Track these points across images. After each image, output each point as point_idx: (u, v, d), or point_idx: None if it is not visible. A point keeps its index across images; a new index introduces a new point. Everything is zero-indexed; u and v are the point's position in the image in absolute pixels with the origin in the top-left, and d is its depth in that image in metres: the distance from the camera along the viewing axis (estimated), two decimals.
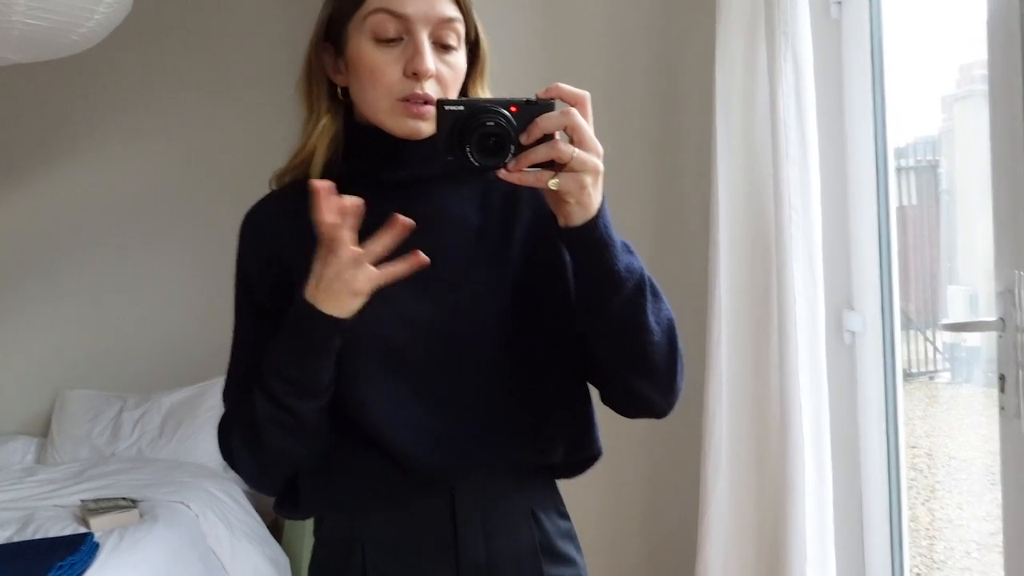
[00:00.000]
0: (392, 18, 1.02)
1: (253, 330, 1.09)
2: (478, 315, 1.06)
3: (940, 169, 3.38)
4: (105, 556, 2.37)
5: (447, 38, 1.04)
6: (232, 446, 1.07)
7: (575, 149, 0.92)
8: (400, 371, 1.04)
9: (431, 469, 1.04)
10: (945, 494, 3.68)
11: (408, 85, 1.02)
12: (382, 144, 1.06)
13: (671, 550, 2.38)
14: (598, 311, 1.00)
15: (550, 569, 1.09)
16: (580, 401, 1.14)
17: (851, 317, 2.16)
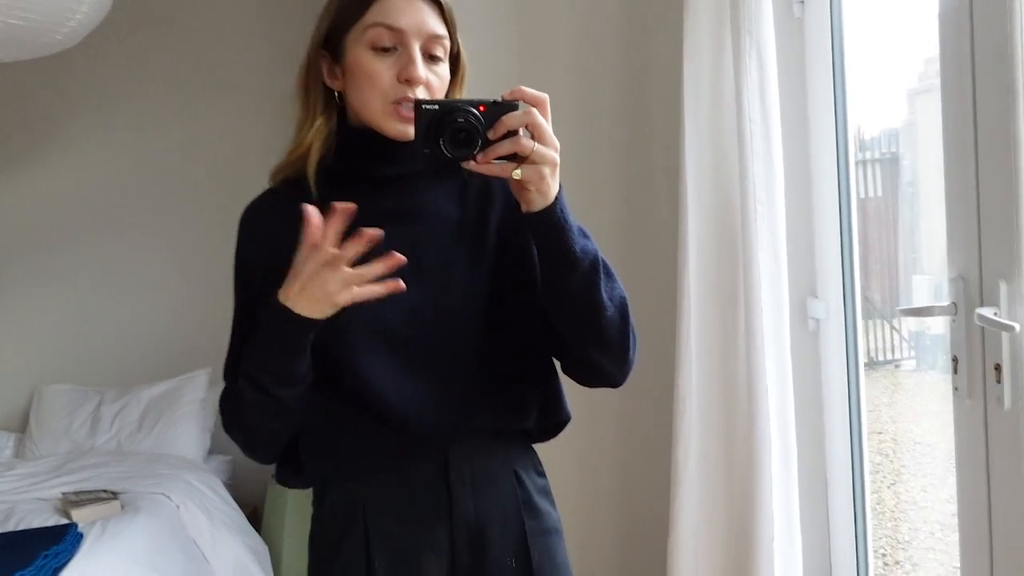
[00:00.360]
0: (388, 31, 1.13)
1: (248, 315, 1.19)
2: (459, 298, 1.18)
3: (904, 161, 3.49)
4: (88, 546, 2.41)
5: (435, 51, 1.16)
6: (237, 415, 1.18)
7: (535, 144, 1.04)
8: (394, 348, 1.15)
9: (426, 434, 1.16)
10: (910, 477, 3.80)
11: (401, 90, 1.13)
12: (374, 143, 1.16)
13: (645, 530, 2.46)
14: (557, 288, 1.13)
15: (530, 522, 1.23)
16: (549, 372, 1.27)
17: (815, 305, 2.24)
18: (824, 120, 2.15)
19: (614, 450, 2.51)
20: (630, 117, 2.43)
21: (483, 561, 1.20)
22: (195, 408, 3.42)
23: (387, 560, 1.17)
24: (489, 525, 1.20)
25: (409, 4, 1.14)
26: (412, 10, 1.14)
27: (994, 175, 1.47)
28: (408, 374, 1.15)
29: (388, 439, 1.17)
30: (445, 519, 1.18)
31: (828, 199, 2.17)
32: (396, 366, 1.15)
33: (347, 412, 1.16)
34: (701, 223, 2.11)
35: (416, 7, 1.14)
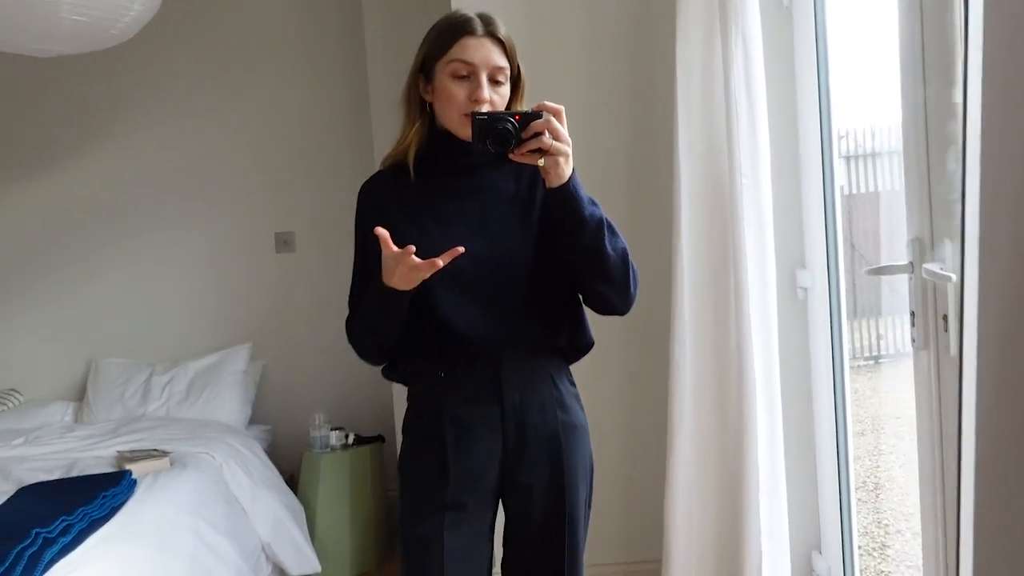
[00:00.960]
0: (464, 65, 1.56)
1: (364, 264, 1.64)
2: (512, 249, 1.60)
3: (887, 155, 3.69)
4: (141, 492, 2.65)
5: (497, 77, 1.58)
6: (355, 334, 1.65)
7: (553, 141, 1.47)
8: (464, 285, 1.57)
9: (484, 344, 1.59)
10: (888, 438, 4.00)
11: (471, 106, 1.55)
12: (452, 142, 1.60)
13: (644, 485, 2.65)
14: (573, 242, 1.55)
15: (561, 415, 1.64)
16: (575, 303, 1.68)
17: (803, 275, 2.41)
18: (810, 103, 2.32)
19: (616, 414, 2.71)
20: (631, 105, 2.62)
21: (525, 438, 1.61)
22: (237, 379, 3.68)
23: (455, 432, 1.60)
24: (530, 412, 1.61)
25: (480, 44, 1.56)
26: (482, 49, 1.56)
27: (939, 150, 1.65)
28: (473, 303, 1.58)
29: (457, 348, 1.59)
30: (497, 405, 1.60)
31: (814, 179, 2.34)
32: (465, 298, 1.57)
33: (431, 330, 1.59)
34: (693, 197, 2.29)
35: (485, 46, 1.57)
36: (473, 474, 1.61)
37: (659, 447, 2.43)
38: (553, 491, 1.63)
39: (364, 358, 1.68)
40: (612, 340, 2.62)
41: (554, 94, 2.54)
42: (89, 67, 3.51)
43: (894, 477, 3.73)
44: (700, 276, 2.31)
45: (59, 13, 2.04)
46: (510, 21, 2.57)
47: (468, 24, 1.57)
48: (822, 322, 2.33)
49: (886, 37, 1.85)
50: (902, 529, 3.25)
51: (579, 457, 1.66)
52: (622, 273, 1.57)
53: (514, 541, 1.69)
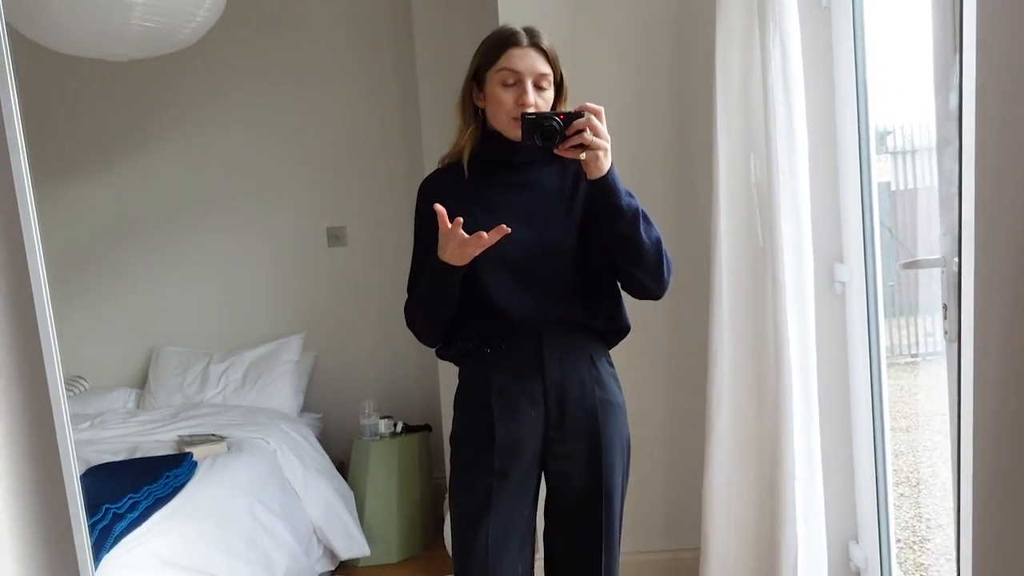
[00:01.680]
0: (511, 73, 1.72)
1: (422, 252, 1.78)
2: (555, 238, 1.74)
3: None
4: (202, 474, 2.79)
5: (542, 83, 1.73)
6: (413, 315, 1.79)
7: (594, 138, 1.62)
8: (511, 270, 1.72)
9: (527, 322, 1.73)
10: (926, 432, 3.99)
11: (518, 110, 1.70)
12: (503, 142, 1.75)
13: (683, 474, 2.71)
14: (611, 230, 1.69)
15: (599, 392, 1.77)
16: (613, 290, 1.80)
17: (841, 269, 2.45)
18: (847, 99, 2.36)
19: (658, 402, 2.77)
20: (672, 102, 2.68)
21: (564, 411, 1.74)
22: (290, 368, 3.82)
23: (501, 404, 1.74)
24: (570, 387, 1.74)
25: (525, 54, 1.72)
26: (526, 58, 1.72)
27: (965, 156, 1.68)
28: (519, 285, 1.72)
29: (504, 326, 1.73)
30: (539, 379, 1.74)
31: (851, 173, 2.38)
32: (511, 281, 1.72)
33: (481, 311, 1.73)
34: (732, 192, 2.35)
35: (530, 55, 1.72)
36: (517, 443, 1.73)
37: (698, 437, 2.49)
38: (591, 463, 1.75)
39: (420, 338, 1.82)
40: (653, 331, 2.69)
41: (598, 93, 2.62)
42: (153, 70, 3.67)
43: (936, 473, 3.73)
44: (738, 268, 2.36)
45: (131, 20, 2.17)
46: (555, 26, 2.67)
47: (514, 37, 1.73)
48: (860, 315, 2.37)
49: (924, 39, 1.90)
50: (943, 524, 3.26)
51: (616, 433, 1.78)
52: (656, 259, 1.70)
53: (554, 511, 1.81)
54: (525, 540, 1.78)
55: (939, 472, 3.77)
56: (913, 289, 4.19)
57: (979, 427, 1.01)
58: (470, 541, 1.75)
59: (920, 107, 3.74)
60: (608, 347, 1.84)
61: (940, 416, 4.16)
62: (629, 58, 2.69)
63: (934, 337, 4.80)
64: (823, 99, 2.40)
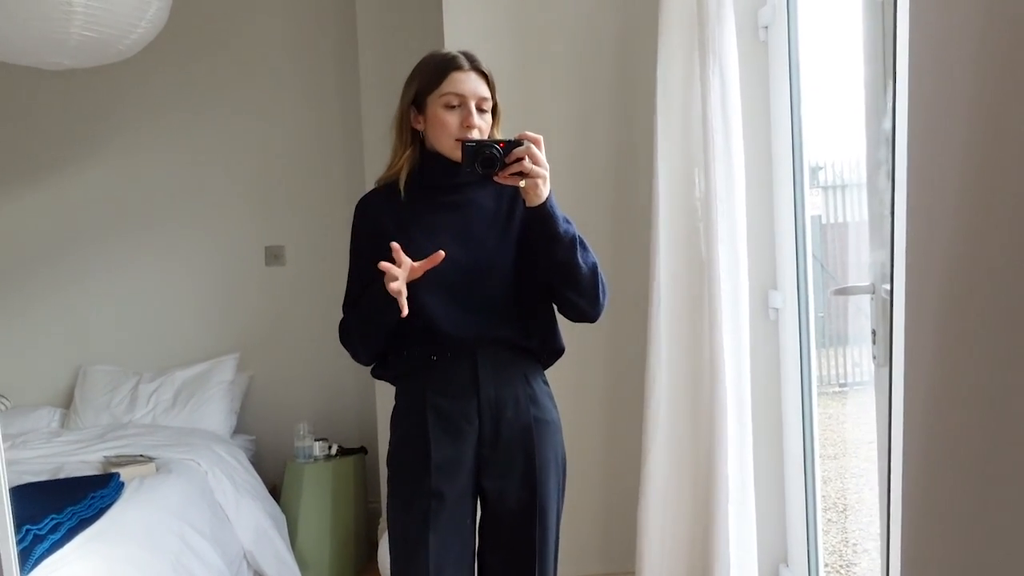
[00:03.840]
0: (455, 96, 1.75)
1: (359, 270, 1.79)
2: (492, 259, 1.76)
3: None
4: (129, 495, 2.70)
5: (483, 106, 1.78)
6: (349, 335, 1.80)
7: (533, 166, 1.66)
8: (447, 287, 1.73)
9: (462, 340, 1.75)
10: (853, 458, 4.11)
11: (462, 132, 1.75)
12: (444, 164, 1.77)
13: (619, 491, 2.73)
14: (547, 256, 1.73)
15: (534, 410, 1.79)
16: (548, 311, 1.84)
17: (775, 296, 2.52)
18: (783, 131, 2.44)
19: (596, 425, 2.79)
20: (614, 127, 2.74)
21: (499, 429, 1.76)
22: (224, 388, 3.73)
23: (436, 423, 1.75)
24: (505, 406, 1.77)
25: (467, 78, 1.76)
26: (469, 81, 1.76)
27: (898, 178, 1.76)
28: (454, 304, 1.74)
29: (440, 345, 1.75)
30: (474, 398, 1.75)
31: (785, 203, 2.45)
32: (447, 300, 1.74)
33: (417, 329, 1.74)
34: (671, 217, 2.40)
35: (472, 79, 1.76)
36: (453, 462, 1.74)
37: (634, 459, 2.52)
38: (526, 481, 1.77)
39: (356, 357, 1.83)
40: (591, 351, 2.72)
41: (539, 118, 2.67)
42: (87, 80, 3.60)
43: (863, 499, 3.82)
44: (677, 293, 2.41)
45: (70, 29, 2.13)
46: (498, 51, 2.71)
47: (456, 61, 1.78)
48: (792, 341, 2.43)
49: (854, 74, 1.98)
50: (868, 548, 3.34)
51: (551, 451, 1.80)
52: (592, 284, 1.75)
53: (489, 529, 1.81)
54: (464, 560, 1.78)
55: (865, 498, 3.87)
56: (841, 320, 4.32)
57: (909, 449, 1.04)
58: (410, 563, 1.74)
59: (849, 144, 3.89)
60: (544, 367, 1.86)
61: (867, 444, 4.28)
62: (571, 83, 2.74)
63: (861, 367, 4.95)
64: (759, 129, 2.47)
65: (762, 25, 2.47)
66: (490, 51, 2.67)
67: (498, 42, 2.72)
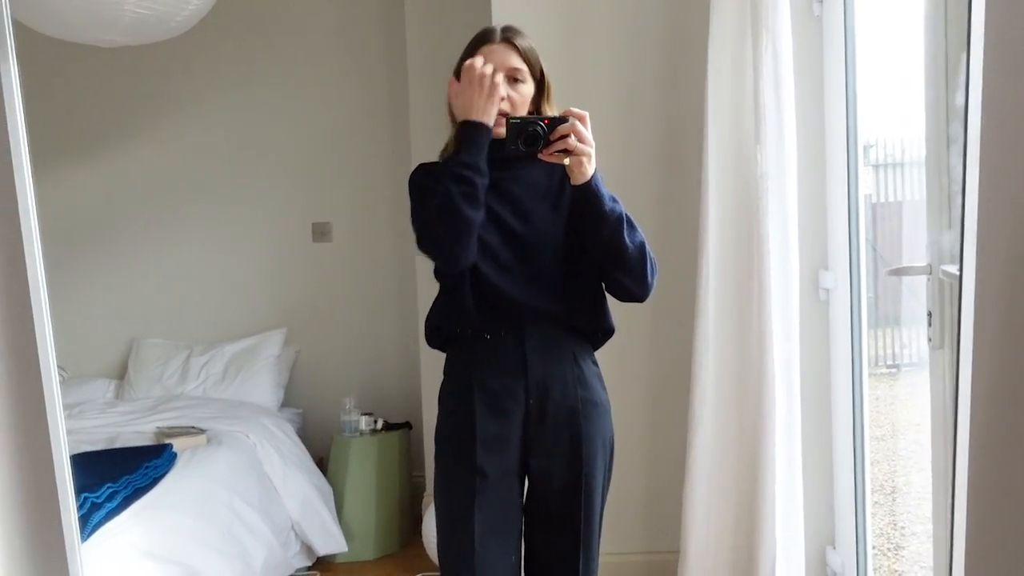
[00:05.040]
0: None
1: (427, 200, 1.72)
2: (544, 233, 1.76)
3: None
4: (181, 466, 2.77)
5: (516, 76, 1.75)
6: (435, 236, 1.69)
7: (577, 143, 1.64)
8: (497, 258, 1.73)
9: (511, 315, 1.74)
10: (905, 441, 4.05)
11: None
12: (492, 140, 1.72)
13: (664, 476, 2.72)
14: (593, 234, 1.72)
15: (582, 392, 1.77)
16: (597, 290, 1.81)
17: (826, 276, 2.48)
18: (837, 109, 2.38)
19: (641, 403, 2.78)
20: (663, 106, 2.70)
21: (545, 410, 1.74)
22: (271, 363, 3.80)
23: (483, 401, 1.74)
24: (552, 386, 1.75)
25: (495, 49, 1.74)
26: (497, 52, 1.74)
27: (958, 152, 1.71)
28: (505, 276, 1.73)
29: (490, 319, 1.74)
30: (522, 377, 1.74)
31: (839, 182, 2.40)
32: (499, 271, 1.73)
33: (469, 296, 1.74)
34: (721, 197, 2.37)
35: (500, 50, 1.74)
36: (499, 440, 1.74)
37: (680, 439, 2.50)
38: (572, 462, 1.76)
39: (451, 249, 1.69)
40: (638, 333, 2.70)
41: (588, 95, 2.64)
42: (142, 57, 3.64)
43: (911, 482, 3.77)
44: (725, 273, 2.38)
45: (124, 6, 2.15)
46: (546, 28, 2.68)
47: (488, 34, 1.78)
48: (843, 322, 2.39)
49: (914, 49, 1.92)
50: (917, 532, 3.30)
51: (598, 431, 1.78)
52: (640, 264, 1.73)
53: (535, 507, 1.80)
54: (510, 537, 1.78)
55: (913, 480, 3.82)
56: (892, 300, 4.24)
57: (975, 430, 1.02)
58: (455, 539, 1.75)
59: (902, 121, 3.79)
60: (593, 348, 1.85)
61: (915, 426, 4.22)
62: (620, 60, 2.71)
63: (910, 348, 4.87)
64: (812, 107, 2.42)
65: (817, 0, 2.41)
66: (537, 27, 2.66)
67: (546, 18, 2.69)
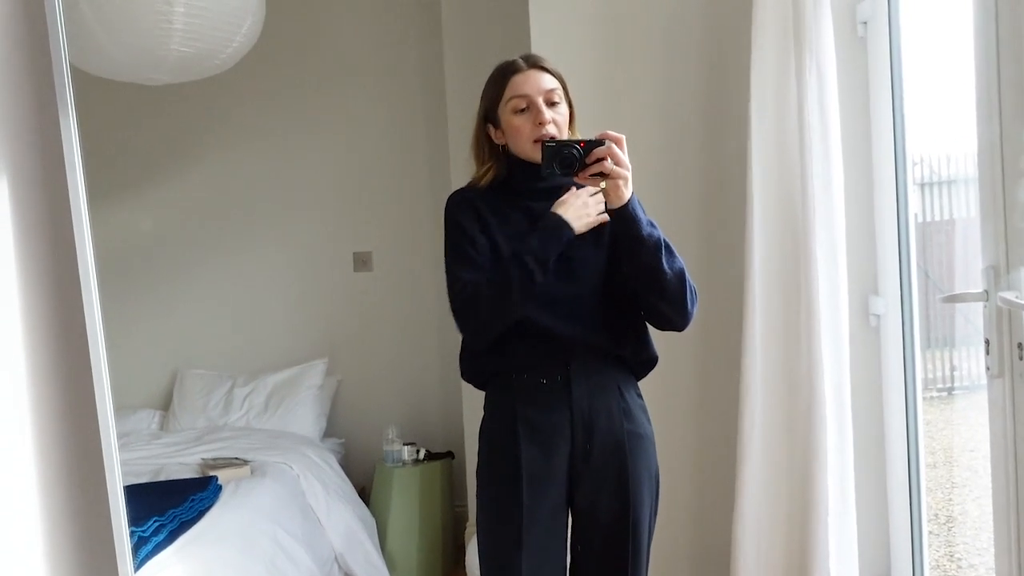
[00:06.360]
0: (521, 98, 1.73)
1: (466, 249, 1.72)
2: (585, 264, 1.73)
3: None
4: (226, 498, 2.77)
5: (553, 98, 1.74)
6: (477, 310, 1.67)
7: (614, 166, 1.62)
8: (541, 293, 1.67)
9: (554, 348, 1.71)
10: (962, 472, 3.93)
11: (538, 131, 1.71)
12: (531, 169, 1.73)
13: (712, 506, 2.66)
14: (631, 260, 1.69)
15: (627, 424, 1.74)
16: (639, 319, 1.78)
17: (876, 302, 2.42)
18: (884, 130, 2.34)
19: (687, 433, 2.73)
20: (706, 129, 2.67)
21: (592, 443, 1.72)
22: (313, 393, 3.81)
23: (528, 436, 1.71)
24: (597, 419, 1.72)
25: (527, 76, 1.73)
26: (530, 79, 1.73)
27: (1014, 179, 1.66)
28: (547, 309, 1.69)
29: (532, 351, 1.71)
30: (567, 410, 1.71)
31: (888, 205, 2.35)
32: (542, 305, 1.69)
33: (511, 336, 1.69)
34: (766, 222, 2.32)
35: (532, 76, 1.73)
36: (545, 476, 1.71)
37: (728, 469, 2.45)
38: (618, 496, 1.73)
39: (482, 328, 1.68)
40: (684, 361, 2.66)
41: (628, 118, 2.62)
42: (186, 93, 3.70)
43: (967, 511, 3.66)
44: (772, 299, 2.33)
45: (170, 45, 2.19)
46: (586, 54, 2.67)
47: (514, 65, 1.76)
48: (895, 349, 2.33)
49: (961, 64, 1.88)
50: (975, 564, 3.19)
51: (644, 465, 1.75)
52: (679, 291, 1.69)
53: (581, 544, 1.77)
54: (557, 574, 1.75)
55: (969, 510, 3.70)
56: (944, 322, 4.14)
57: None
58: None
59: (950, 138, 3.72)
60: (637, 378, 1.82)
61: (969, 452, 4.10)
62: (660, 82, 2.68)
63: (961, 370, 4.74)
64: (858, 130, 2.38)
65: (860, 21, 2.37)
66: (576, 49, 2.67)
67: (584, 39, 2.68)
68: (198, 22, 2.21)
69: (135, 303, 4.04)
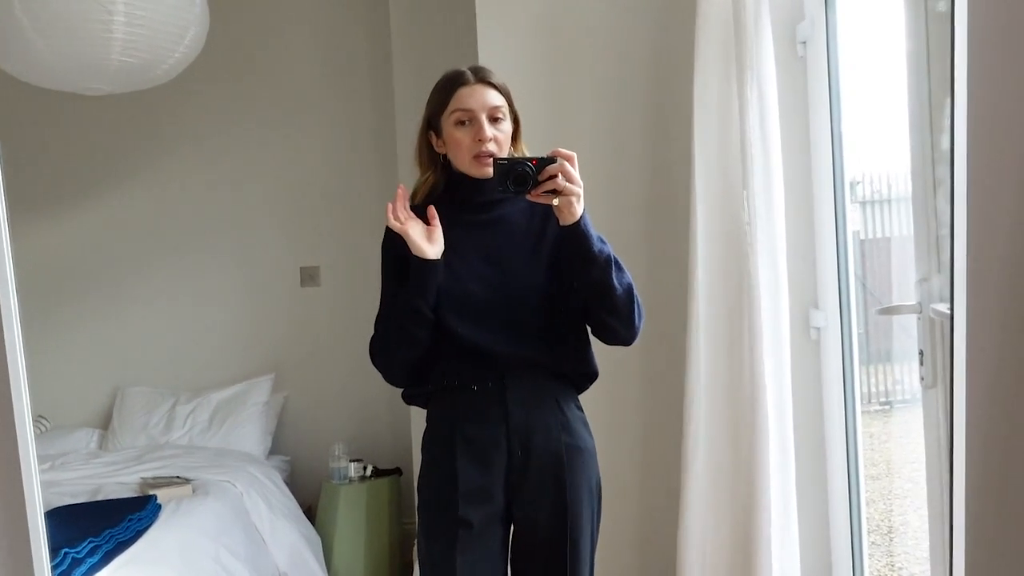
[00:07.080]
0: (463, 112, 1.72)
1: (392, 286, 1.75)
2: (520, 277, 1.73)
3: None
4: (165, 518, 2.71)
5: (496, 115, 1.74)
6: (383, 346, 1.74)
7: (566, 183, 1.63)
8: (474, 307, 1.71)
9: (489, 364, 1.71)
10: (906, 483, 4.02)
11: (478, 146, 1.71)
12: (469, 182, 1.75)
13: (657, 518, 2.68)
14: (581, 276, 1.69)
15: (566, 438, 1.74)
16: (581, 333, 1.79)
17: (816, 315, 2.47)
18: (823, 148, 2.39)
19: (631, 450, 2.75)
20: (650, 146, 2.71)
21: (529, 457, 1.71)
22: (259, 410, 3.75)
23: (464, 450, 1.71)
24: (535, 433, 1.72)
25: (473, 91, 1.73)
26: (475, 94, 1.72)
27: (944, 194, 1.71)
28: (484, 325, 1.70)
29: (468, 369, 1.71)
30: (503, 424, 1.71)
31: (827, 220, 2.40)
32: (476, 319, 1.70)
33: (446, 350, 1.72)
34: (709, 237, 2.36)
35: (478, 91, 1.73)
36: (481, 490, 1.71)
37: (672, 482, 2.47)
38: (557, 511, 1.72)
39: (388, 371, 1.76)
40: (628, 374, 2.68)
41: (574, 135, 2.64)
42: (126, 106, 3.64)
43: (908, 522, 3.73)
44: (715, 312, 2.36)
45: (111, 55, 2.16)
46: (530, 68, 2.69)
47: (461, 77, 1.75)
48: (835, 361, 2.37)
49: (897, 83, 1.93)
50: (916, 573, 3.25)
51: (584, 479, 1.75)
52: (628, 306, 1.70)
53: (520, 559, 1.78)
54: None
55: (910, 520, 3.77)
56: (883, 337, 4.23)
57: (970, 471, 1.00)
58: None
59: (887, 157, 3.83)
60: (578, 392, 1.82)
61: (910, 464, 4.18)
62: (606, 100, 2.71)
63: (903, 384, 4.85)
64: (798, 146, 2.43)
65: (800, 40, 2.43)
66: (523, 68, 2.69)
67: (532, 58, 2.71)
68: (140, 31, 2.18)
69: (74, 319, 3.95)
